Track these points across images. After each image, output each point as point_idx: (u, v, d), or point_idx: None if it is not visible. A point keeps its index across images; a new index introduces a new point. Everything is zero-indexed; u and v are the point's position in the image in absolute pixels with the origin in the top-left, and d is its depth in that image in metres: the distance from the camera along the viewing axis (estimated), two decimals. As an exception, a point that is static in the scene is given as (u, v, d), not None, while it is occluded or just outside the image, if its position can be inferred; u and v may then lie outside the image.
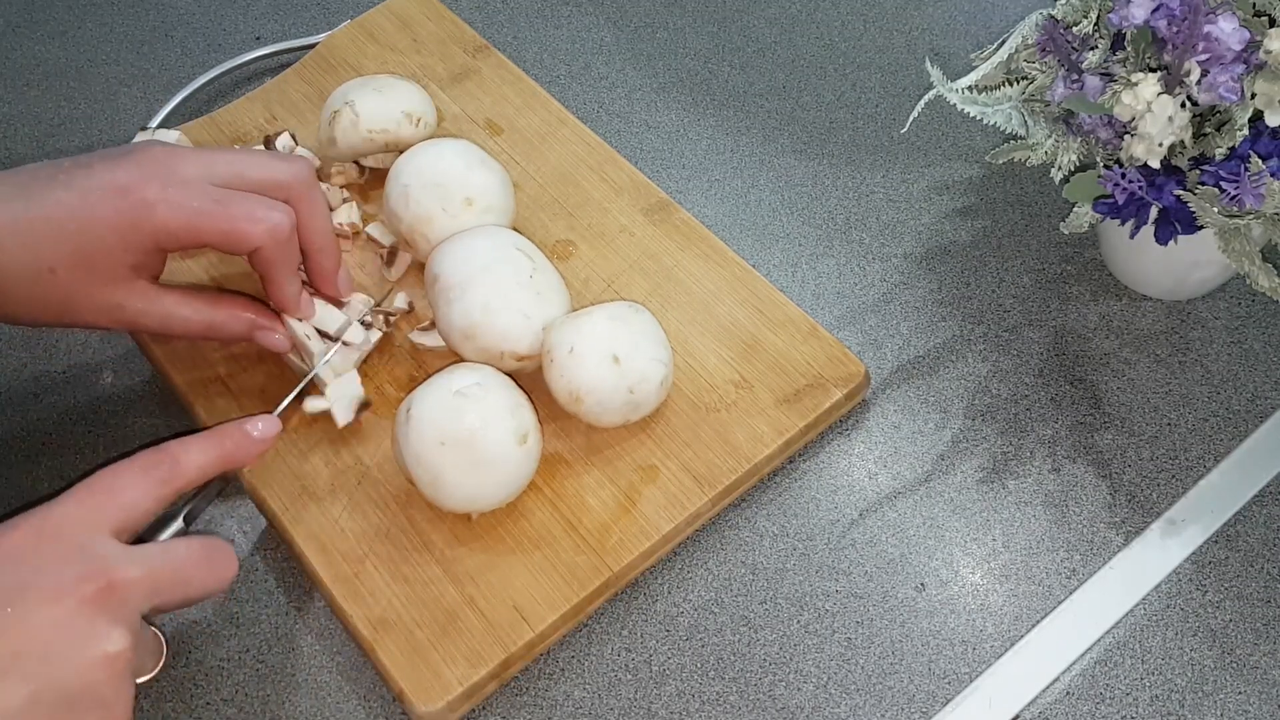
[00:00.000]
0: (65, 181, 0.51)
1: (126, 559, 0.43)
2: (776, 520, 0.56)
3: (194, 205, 0.51)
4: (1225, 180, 0.51)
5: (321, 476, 0.56)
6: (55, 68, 0.77)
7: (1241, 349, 0.61)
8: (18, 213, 0.50)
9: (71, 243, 0.50)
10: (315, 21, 0.78)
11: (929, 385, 0.60)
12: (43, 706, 0.40)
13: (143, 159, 0.52)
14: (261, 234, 0.52)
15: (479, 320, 0.55)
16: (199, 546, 0.46)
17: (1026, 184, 0.67)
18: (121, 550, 0.43)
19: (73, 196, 0.50)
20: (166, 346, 0.60)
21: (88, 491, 0.44)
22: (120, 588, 0.42)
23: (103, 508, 0.44)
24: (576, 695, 0.52)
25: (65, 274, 0.51)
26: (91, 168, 0.51)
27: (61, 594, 0.41)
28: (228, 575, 0.46)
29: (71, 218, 0.50)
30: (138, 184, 0.51)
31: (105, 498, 0.44)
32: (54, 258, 0.50)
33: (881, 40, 0.75)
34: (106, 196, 0.50)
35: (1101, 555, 0.55)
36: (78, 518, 0.43)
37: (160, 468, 0.46)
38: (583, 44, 0.76)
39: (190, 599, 0.45)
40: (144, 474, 0.46)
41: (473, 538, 0.54)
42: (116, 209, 0.50)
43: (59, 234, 0.50)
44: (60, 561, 0.42)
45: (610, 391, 0.54)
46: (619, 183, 0.66)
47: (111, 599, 0.42)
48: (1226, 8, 0.51)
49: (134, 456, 0.46)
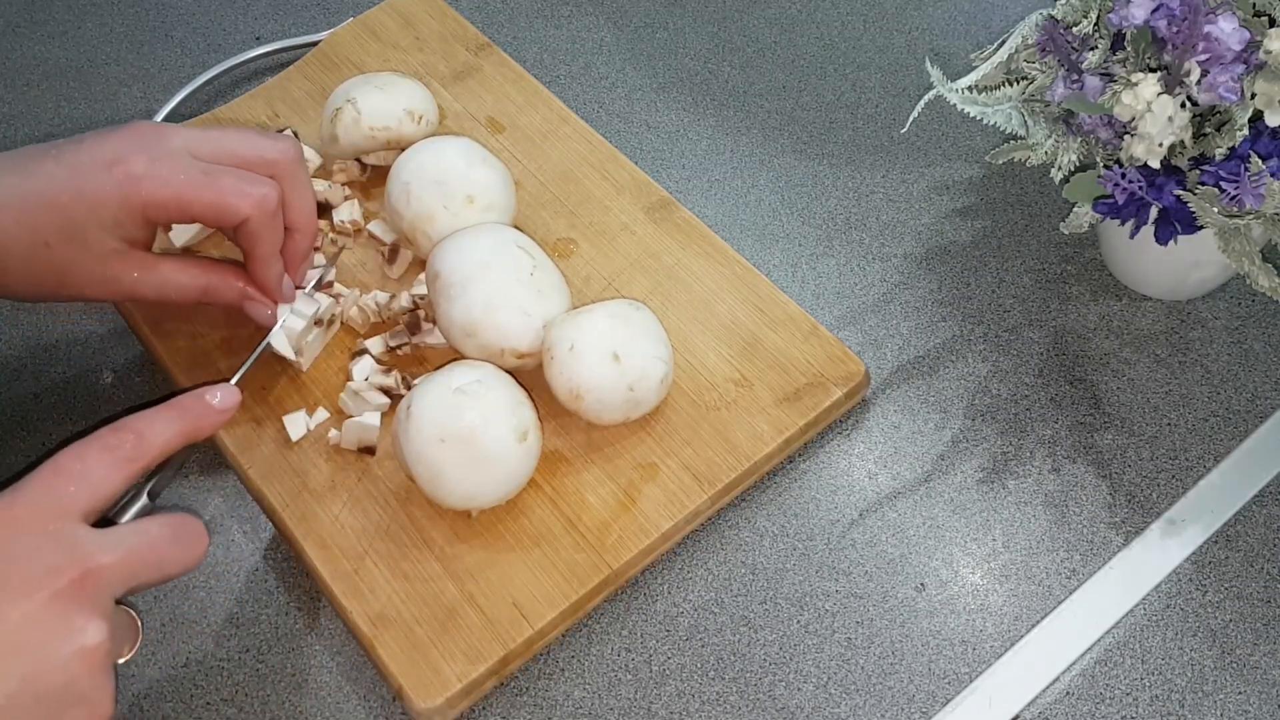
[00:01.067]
0: (56, 156, 0.51)
1: (100, 545, 0.42)
2: (776, 520, 0.56)
3: (181, 178, 0.52)
4: (1225, 180, 0.51)
5: (322, 473, 0.56)
6: (55, 68, 0.77)
7: (1241, 349, 0.61)
8: (11, 188, 0.51)
9: (64, 216, 0.51)
10: (315, 21, 0.78)
11: (929, 385, 0.60)
12: (21, 707, 0.39)
13: (132, 134, 0.52)
14: (249, 206, 0.53)
15: (479, 317, 0.55)
16: (170, 525, 0.44)
17: (1026, 184, 0.68)
18: (94, 536, 0.42)
19: (63, 171, 0.51)
20: (169, 342, 0.60)
21: (55, 474, 0.43)
22: (95, 575, 0.41)
23: (71, 491, 0.43)
24: (576, 695, 0.52)
25: (60, 248, 0.51)
26: (83, 143, 0.52)
27: (35, 588, 0.40)
28: (199, 551, 0.45)
29: (63, 191, 0.51)
30: (126, 158, 0.51)
31: (73, 480, 0.43)
32: (48, 232, 0.51)
33: (881, 40, 0.75)
34: (96, 170, 0.51)
35: (1101, 555, 0.55)
36: (47, 504, 0.42)
37: (125, 445, 0.45)
38: (583, 44, 0.76)
39: (164, 578, 0.44)
40: (110, 453, 0.44)
41: (472, 535, 0.54)
42: (105, 182, 0.51)
43: (51, 208, 0.51)
44: (32, 553, 0.41)
45: (610, 389, 0.54)
46: (620, 181, 0.66)
47: (86, 588, 0.41)
48: (1226, 8, 0.51)
49: (96, 434, 0.45)
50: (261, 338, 0.57)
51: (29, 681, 0.39)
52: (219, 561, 0.56)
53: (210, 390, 0.49)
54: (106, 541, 0.42)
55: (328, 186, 0.64)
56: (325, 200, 0.64)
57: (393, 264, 0.62)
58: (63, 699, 0.40)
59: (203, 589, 0.55)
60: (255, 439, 0.57)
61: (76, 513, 0.42)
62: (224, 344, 0.60)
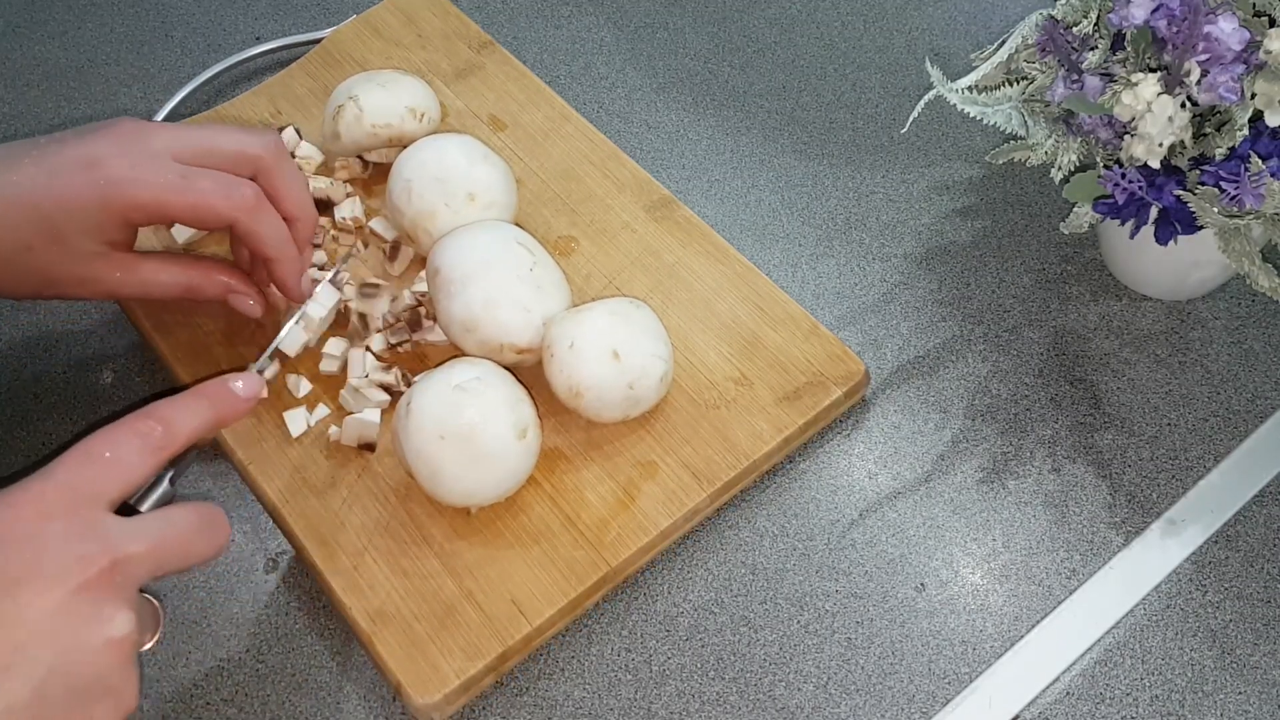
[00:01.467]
0: (37, 158, 0.51)
1: (129, 534, 0.42)
2: (776, 520, 0.56)
3: (160, 181, 0.52)
4: (1225, 180, 0.51)
5: (322, 469, 0.56)
6: (55, 68, 0.77)
7: (1241, 349, 0.61)
8: None
9: (45, 220, 0.51)
10: (315, 21, 0.78)
11: (929, 385, 0.60)
12: (50, 699, 0.39)
13: (112, 135, 0.52)
14: (228, 208, 0.53)
15: (479, 314, 0.55)
16: (195, 514, 0.44)
17: (1026, 184, 0.68)
18: (123, 525, 0.42)
19: (42, 173, 0.51)
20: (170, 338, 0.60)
21: (86, 459, 0.43)
22: (124, 565, 0.41)
23: (101, 478, 0.42)
24: (576, 695, 0.52)
25: (41, 250, 0.51)
26: (64, 143, 0.52)
27: (63, 579, 0.40)
28: (223, 540, 0.45)
29: (44, 196, 0.51)
30: (105, 161, 0.51)
31: (103, 467, 0.43)
32: (29, 235, 0.51)
33: (881, 40, 0.75)
34: (75, 173, 0.51)
35: (1101, 555, 0.55)
36: (77, 490, 0.42)
37: (155, 433, 0.44)
38: (583, 44, 0.76)
39: (187, 567, 0.44)
40: (140, 439, 0.44)
41: (471, 532, 0.54)
42: (85, 186, 0.51)
43: (33, 212, 0.51)
44: (62, 541, 0.40)
45: (610, 387, 0.54)
46: (621, 179, 0.66)
47: (115, 578, 0.40)
48: (1226, 8, 0.51)
49: (123, 420, 0.44)
50: (262, 333, 0.57)
51: (58, 672, 0.39)
52: (219, 561, 0.56)
53: (234, 377, 0.49)
54: (135, 530, 0.42)
55: (330, 184, 0.64)
56: (327, 197, 0.64)
57: (394, 261, 0.62)
58: (90, 690, 0.40)
59: (203, 589, 0.55)
60: (255, 435, 0.57)
61: (105, 500, 0.42)
62: (224, 336, 0.60)
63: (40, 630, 0.39)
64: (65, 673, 0.39)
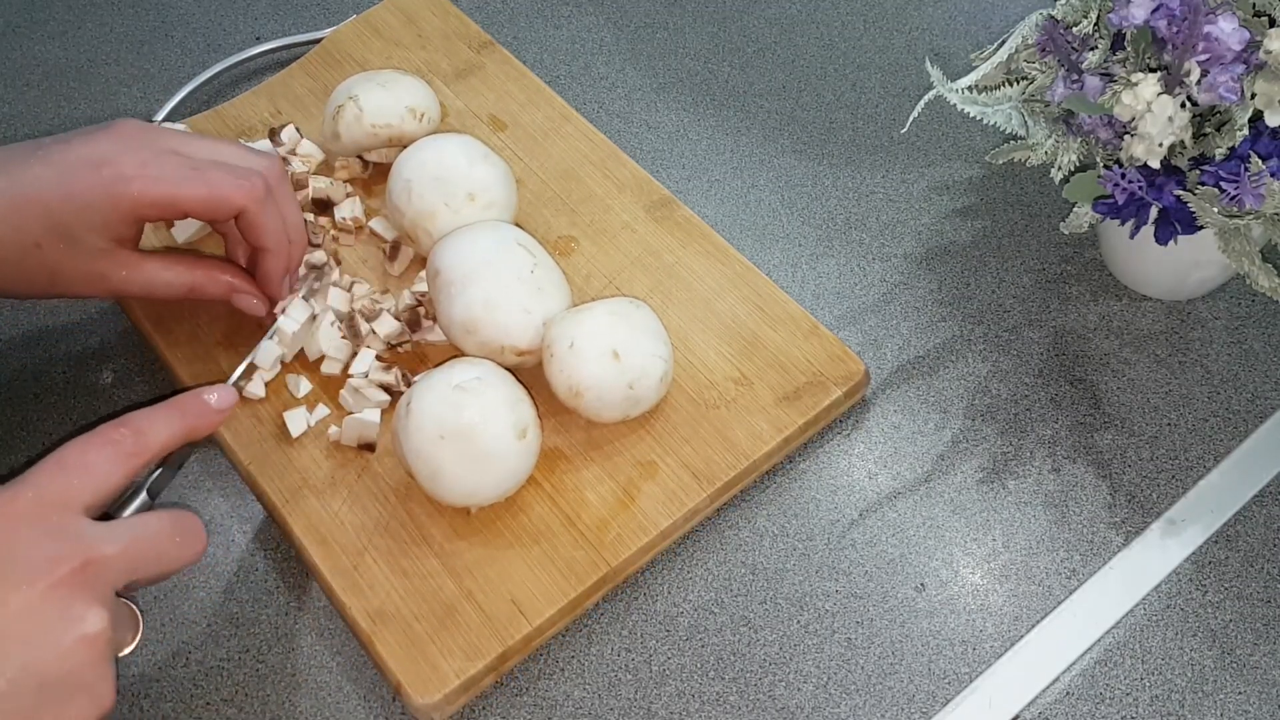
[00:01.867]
0: (44, 158, 0.52)
1: (101, 536, 0.42)
2: (776, 520, 0.56)
3: (172, 175, 0.52)
4: (1225, 180, 0.51)
5: (322, 469, 0.56)
6: (55, 68, 0.77)
7: (1241, 349, 0.61)
8: (1, 191, 0.51)
9: (53, 218, 0.51)
10: (315, 21, 0.78)
11: (929, 385, 0.60)
12: (23, 696, 0.39)
13: (119, 134, 0.53)
14: (242, 197, 0.53)
15: (480, 315, 0.55)
16: (169, 520, 0.45)
17: (1026, 184, 0.68)
18: (95, 528, 0.43)
19: (51, 172, 0.51)
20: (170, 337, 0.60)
21: (58, 468, 0.43)
22: (96, 565, 0.41)
23: (74, 484, 0.43)
24: (576, 695, 0.52)
25: (49, 248, 0.52)
26: (70, 143, 0.52)
27: (36, 577, 0.40)
28: (198, 548, 0.46)
29: (53, 194, 0.51)
30: (114, 158, 0.52)
31: (75, 474, 0.43)
32: (37, 233, 0.51)
33: (881, 40, 0.75)
34: (84, 171, 0.51)
35: (1101, 555, 0.55)
36: (50, 496, 0.43)
37: (126, 441, 0.45)
38: (583, 44, 0.76)
39: (164, 574, 0.45)
40: (112, 447, 0.45)
41: (471, 532, 0.54)
42: (94, 183, 0.51)
43: (41, 210, 0.51)
44: (33, 543, 0.41)
45: (610, 387, 0.54)
46: (621, 179, 0.66)
47: (86, 577, 0.41)
48: (1226, 8, 0.51)
49: (97, 430, 0.45)
50: (263, 333, 0.57)
51: (30, 669, 0.39)
52: (219, 561, 0.56)
53: (208, 390, 0.50)
54: (107, 533, 0.43)
55: (329, 184, 0.64)
56: (327, 197, 0.64)
57: (394, 261, 0.62)
58: (64, 687, 0.40)
59: (203, 589, 0.55)
60: (255, 435, 0.57)
61: (78, 505, 0.43)
62: (224, 337, 0.60)
63: (12, 628, 0.39)
64: (38, 670, 0.39)
